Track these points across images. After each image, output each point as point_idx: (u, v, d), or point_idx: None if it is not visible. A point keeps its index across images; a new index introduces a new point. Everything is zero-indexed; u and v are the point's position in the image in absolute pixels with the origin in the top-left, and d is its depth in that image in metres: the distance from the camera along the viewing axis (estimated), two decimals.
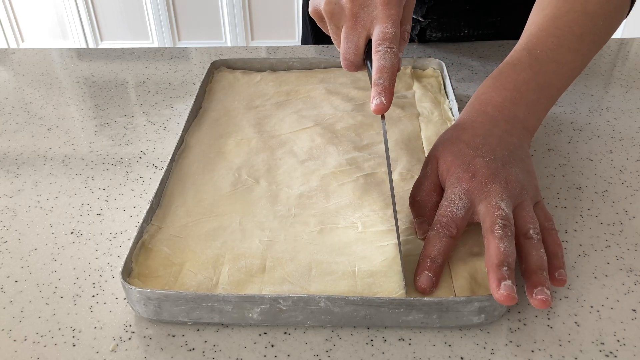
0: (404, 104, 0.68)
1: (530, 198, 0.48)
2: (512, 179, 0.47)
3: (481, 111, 0.53)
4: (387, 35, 0.48)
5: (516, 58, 0.55)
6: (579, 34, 0.55)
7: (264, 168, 0.57)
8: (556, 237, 0.46)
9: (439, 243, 0.45)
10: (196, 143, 0.61)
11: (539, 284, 0.41)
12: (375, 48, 0.48)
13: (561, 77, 0.55)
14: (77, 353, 0.42)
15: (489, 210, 0.45)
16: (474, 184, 0.46)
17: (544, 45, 0.55)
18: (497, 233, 0.43)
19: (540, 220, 0.47)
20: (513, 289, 0.40)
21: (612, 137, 0.65)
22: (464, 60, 0.83)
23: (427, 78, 0.74)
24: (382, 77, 0.46)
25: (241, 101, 0.70)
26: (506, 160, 0.48)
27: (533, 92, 0.53)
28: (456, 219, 0.45)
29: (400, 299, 0.41)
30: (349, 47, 0.51)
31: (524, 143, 0.52)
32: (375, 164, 0.57)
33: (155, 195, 0.51)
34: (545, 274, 0.42)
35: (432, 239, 0.45)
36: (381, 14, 0.48)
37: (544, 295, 0.41)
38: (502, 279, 0.40)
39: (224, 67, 0.77)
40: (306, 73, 0.76)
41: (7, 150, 0.65)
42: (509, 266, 0.41)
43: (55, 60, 0.88)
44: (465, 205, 0.46)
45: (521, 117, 0.52)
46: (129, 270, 0.45)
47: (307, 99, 0.70)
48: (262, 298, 0.41)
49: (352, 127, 0.63)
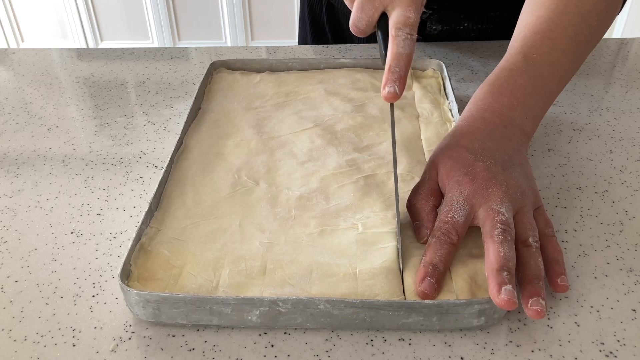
0: (403, 105, 0.68)
1: (530, 203, 0.48)
2: (513, 183, 0.47)
3: (479, 117, 0.53)
4: (409, 21, 0.47)
5: (512, 63, 0.55)
6: (574, 35, 0.56)
7: (264, 169, 0.57)
8: (556, 243, 0.47)
9: (440, 250, 0.44)
10: (195, 144, 0.61)
11: (535, 294, 0.41)
12: (394, 31, 0.47)
13: (557, 80, 0.56)
14: (77, 353, 0.42)
15: (489, 215, 0.45)
16: (474, 187, 0.46)
17: (539, 49, 0.55)
18: (497, 238, 0.43)
19: (540, 227, 0.47)
20: (514, 293, 0.40)
21: (612, 137, 0.65)
22: (464, 60, 0.83)
23: (427, 79, 0.74)
24: (398, 65, 0.46)
25: (240, 102, 0.69)
26: (506, 164, 0.48)
27: (530, 97, 0.54)
28: (457, 226, 0.45)
29: (399, 302, 0.41)
30: (362, 17, 0.50)
31: (522, 148, 0.52)
32: (375, 165, 0.57)
33: (154, 197, 0.51)
34: (542, 283, 0.43)
35: (433, 246, 0.45)
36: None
37: (539, 306, 0.41)
38: (502, 284, 0.40)
39: (223, 67, 0.77)
40: (305, 74, 0.76)
41: (7, 150, 0.65)
42: (509, 271, 0.41)
43: (55, 60, 0.88)
44: (465, 211, 0.46)
45: (518, 121, 0.53)
46: (127, 273, 0.45)
47: (306, 99, 0.70)
48: (261, 300, 0.41)
49: (352, 128, 0.63)
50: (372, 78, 0.73)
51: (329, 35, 0.97)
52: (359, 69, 0.76)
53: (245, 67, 0.77)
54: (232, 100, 0.70)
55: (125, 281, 0.44)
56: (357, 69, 0.76)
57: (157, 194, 0.52)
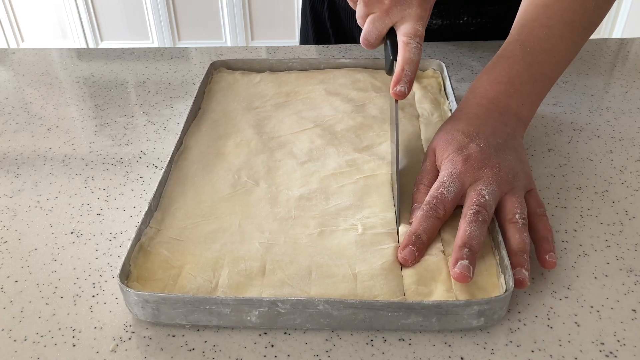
0: (403, 105, 0.68)
1: (522, 186, 0.50)
2: (505, 165, 0.49)
3: (475, 104, 0.55)
4: (418, 32, 0.53)
5: (509, 51, 0.57)
6: (570, 22, 0.57)
7: (264, 170, 0.57)
8: (547, 222, 0.48)
9: (425, 222, 0.47)
10: (195, 144, 0.61)
11: (518, 265, 0.44)
12: (406, 39, 0.53)
13: (553, 67, 0.57)
14: (77, 353, 0.42)
15: (470, 195, 0.47)
16: (466, 167, 0.48)
17: (536, 36, 0.56)
18: (468, 218, 0.46)
19: (532, 207, 0.49)
20: (469, 268, 0.42)
21: (612, 137, 0.65)
22: (464, 60, 0.83)
23: (427, 79, 0.74)
24: (410, 69, 0.52)
25: (240, 102, 0.69)
26: (500, 147, 0.50)
27: (526, 84, 0.55)
28: (445, 201, 0.47)
29: (399, 302, 0.41)
30: (372, 32, 0.55)
31: (518, 134, 0.54)
32: (375, 165, 0.57)
33: (153, 197, 0.51)
34: (526, 256, 0.45)
35: (420, 218, 0.47)
36: (414, 14, 0.53)
37: (521, 275, 0.43)
38: (460, 259, 0.43)
39: (224, 67, 0.77)
40: (306, 74, 0.76)
41: (7, 151, 0.65)
42: (471, 249, 0.44)
43: (55, 60, 0.88)
44: (455, 188, 0.48)
45: (515, 108, 0.54)
46: (127, 273, 0.45)
47: (306, 100, 0.70)
48: (260, 301, 0.41)
49: (352, 128, 0.63)
50: (372, 78, 0.73)
51: (331, 31, 0.97)
52: (359, 69, 0.76)
53: (245, 67, 0.77)
54: (232, 100, 0.70)
55: (125, 281, 0.44)
56: (357, 69, 0.76)
57: (157, 194, 0.52)
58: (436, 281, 0.44)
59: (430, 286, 0.44)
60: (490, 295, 0.43)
